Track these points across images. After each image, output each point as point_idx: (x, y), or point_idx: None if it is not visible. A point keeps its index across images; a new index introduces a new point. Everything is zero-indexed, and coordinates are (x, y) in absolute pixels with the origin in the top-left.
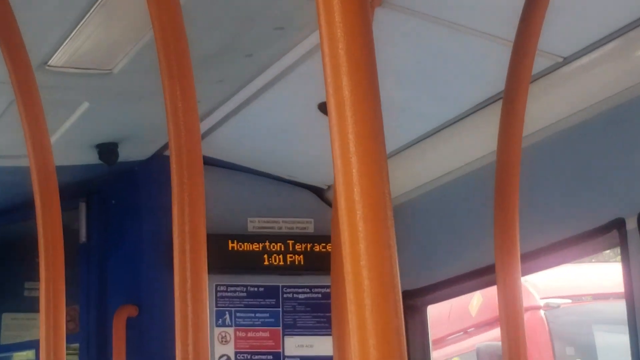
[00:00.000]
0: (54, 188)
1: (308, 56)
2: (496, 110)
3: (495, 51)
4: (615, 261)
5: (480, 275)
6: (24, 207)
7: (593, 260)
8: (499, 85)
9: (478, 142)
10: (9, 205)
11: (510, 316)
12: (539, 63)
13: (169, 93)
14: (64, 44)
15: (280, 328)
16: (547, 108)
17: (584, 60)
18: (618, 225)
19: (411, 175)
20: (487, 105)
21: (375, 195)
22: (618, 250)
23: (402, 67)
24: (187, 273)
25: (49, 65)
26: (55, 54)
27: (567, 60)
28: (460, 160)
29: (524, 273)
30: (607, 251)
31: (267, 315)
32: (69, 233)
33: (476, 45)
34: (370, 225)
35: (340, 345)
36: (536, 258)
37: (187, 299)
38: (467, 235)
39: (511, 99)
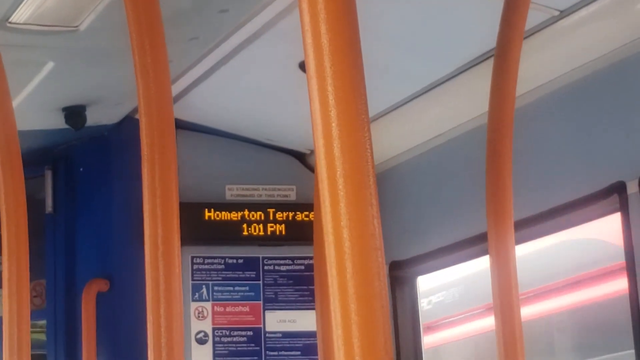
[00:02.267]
0: (16, 154)
1: (288, 12)
2: (487, 69)
3: (485, 5)
4: None
5: (473, 244)
6: None
7: None
8: (490, 42)
9: (468, 103)
10: None
11: (503, 286)
12: (533, 17)
13: (138, 51)
14: None
15: (261, 302)
16: (542, 65)
17: (582, 13)
18: (618, 189)
19: (398, 138)
20: (477, 64)
21: (357, 155)
22: None
23: (386, 24)
24: (159, 242)
25: (10, 22)
26: (17, 10)
27: (563, 14)
28: (450, 122)
29: (519, 242)
30: None
31: (247, 288)
32: (34, 203)
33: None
34: (351, 185)
35: (324, 320)
36: (531, 225)
37: (159, 270)
38: (458, 201)
39: (503, 56)
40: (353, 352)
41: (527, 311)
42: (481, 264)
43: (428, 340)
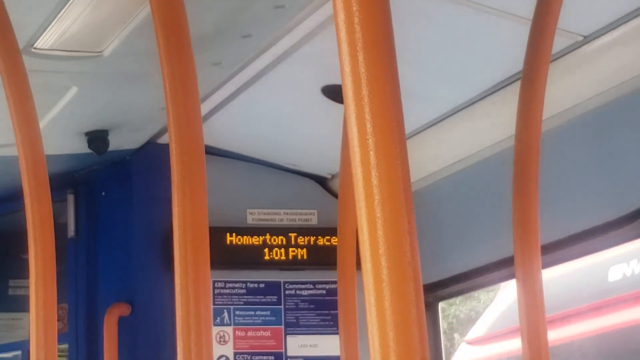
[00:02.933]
0: (43, 178)
1: (311, 37)
2: (513, 92)
3: (512, 30)
4: None
5: (498, 269)
6: (7, 200)
7: None
8: (516, 66)
9: (493, 127)
10: None
11: (530, 310)
12: (558, 42)
13: (169, 75)
14: (51, 24)
15: (282, 327)
16: (566, 90)
17: (606, 38)
18: None
19: (423, 162)
20: (503, 87)
21: (395, 179)
22: None
23: (413, 47)
24: (189, 269)
25: (35, 48)
26: (42, 36)
27: (587, 39)
28: (476, 145)
29: (544, 266)
30: None
31: (268, 313)
32: (57, 227)
33: (492, 24)
34: (389, 211)
35: (348, 344)
36: (557, 250)
37: (189, 297)
38: (482, 226)
39: (530, 79)
40: None
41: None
42: None
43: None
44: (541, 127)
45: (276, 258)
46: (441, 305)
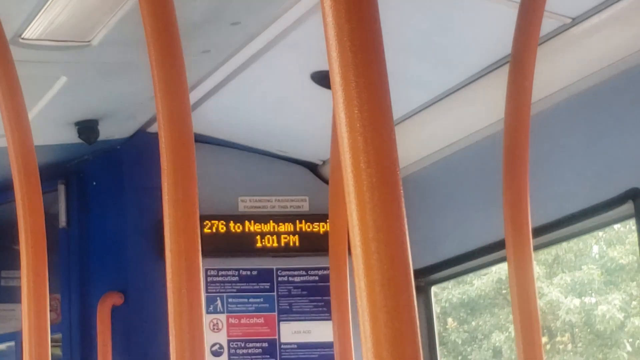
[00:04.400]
0: (33, 169)
1: (299, 23)
2: (502, 75)
3: (500, 13)
4: None
5: (489, 252)
6: None
7: None
8: (504, 49)
9: (482, 111)
10: None
11: (522, 293)
12: (546, 24)
13: (156, 63)
14: (39, 14)
15: (276, 313)
16: (555, 72)
17: (594, 20)
18: (633, 195)
19: (413, 146)
20: (492, 71)
21: (384, 163)
22: None
23: (402, 32)
24: (180, 258)
25: (23, 38)
26: (30, 26)
27: (575, 21)
28: (466, 129)
29: (535, 249)
30: None
31: (261, 300)
32: (48, 217)
33: (481, 8)
34: (377, 195)
35: (341, 330)
36: (548, 232)
37: (182, 283)
38: (474, 209)
39: (519, 62)
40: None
41: None
42: None
43: None
44: (530, 110)
45: (268, 245)
46: (434, 289)
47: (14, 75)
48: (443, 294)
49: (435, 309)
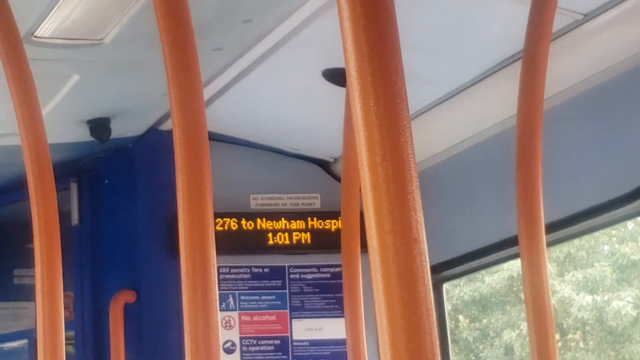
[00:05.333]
0: (47, 167)
1: (311, 20)
2: (514, 72)
3: (512, 10)
4: None
5: (502, 249)
6: (11, 190)
7: None
8: (516, 46)
9: (495, 107)
10: None
11: (535, 289)
12: (558, 21)
13: (170, 61)
14: (52, 12)
15: (288, 311)
16: (567, 68)
17: (606, 17)
18: None
19: (427, 143)
20: (503, 68)
21: (400, 156)
22: None
23: (414, 29)
24: (195, 256)
25: (35, 36)
26: (42, 24)
27: (587, 18)
28: (479, 125)
29: (548, 245)
30: None
31: (273, 297)
32: (60, 215)
33: (493, 5)
34: (394, 189)
35: (353, 327)
36: (560, 229)
37: (196, 281)
38: (486, 206)
39: (531, 58)
40: (400, 356)
41: None
42: None
43: None
44: (543, 106)
45: (280, 242)
46: (445, 286)
47: (28, 74)
48: (455, 291)
49: (447, 307)
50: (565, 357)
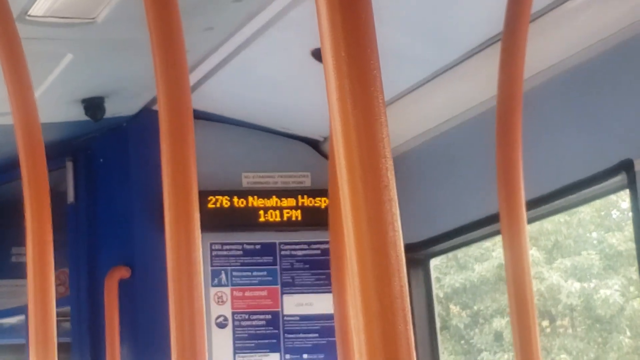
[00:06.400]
0: (39, 146)
1: (300, 1)
2: (497, 52)
3: None
4: None
5: (485, 225)
6: (8, 169)
7: None
8: (499, 25)
9: (478, 86)
10: None
11: (516, 265)
12: None
13: (157, 42)
14: None
15: (279, 286)
16: (549, 47)
17: None
18: (626, 166)
19: (410, 123)
20: (486, 47)
21: (374, 142)
22: None
23: (395, 9)
24: (181, 233)
25: (29, 15)
26: (35, 3)
27: None
28: (461, 106)
29: (530, 221)
30: None
31: (265, 273)
32: (57, 194)
33: None
34: (369, 169)
35: (341, 302)
36: (541, 204)
37: (181, 256)
38: (469, 184)
39: (510, 38)
40: (374, 335)
41: None
42: None
43: None
44: (522, 86)
45: (271, 220)
46: (436, 275)
47: (21, 53)
48: (445, 279)
49: (439, 294)
50: (554, 343)
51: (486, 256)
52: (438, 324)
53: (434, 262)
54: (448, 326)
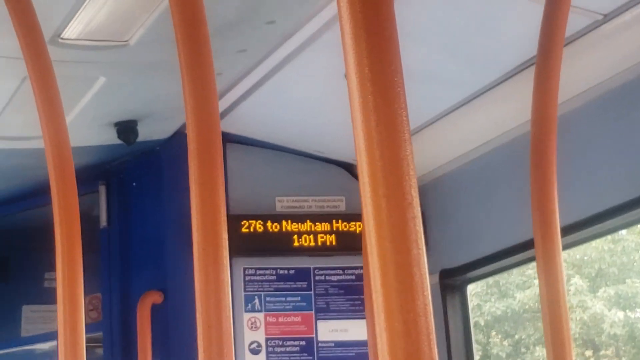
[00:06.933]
0: (70, 170)
1: (334, 22)
2: (532, 75)
3: (529, 11)
4: None
5: (521, 251)
6: (41, 193)
7: None
8: (535, 48)
9: (514, 110)
10: (26, 190)
11: (551, 292)
12: (578, 22)
13: (186, 66)
14: (77, 14)
15: (313, 312)
16: (587, 70)
17: (626, 17)
18: None
19: (446, 147)
20: (522, 70)
21: (398, 160)
22: None
23: (431, 31)
24: (209, 258)
25: (62, 38)
26: (68, 26)
27: (607, 18)
28: (497, 129)
29: (566, 247)
30: None
31: (299, 299)
32: (90, 219)
33: (510, 5)
34: (392, 192)
35: (374, 328)
36: (579, 230)
37: (209, 280)
38: (506, 209)
39: (545, 61)
40: (397, 354)
41: None
42: None
43: None
44: (557, 109)
45: (305, 244)
46: (477, 302)
47: (52, 76)
48: (486, 306)
49: (479, 322)
50: None
51: (528, 284)
52: (478, 352)
53: (474, 289)
54: (489, 355)
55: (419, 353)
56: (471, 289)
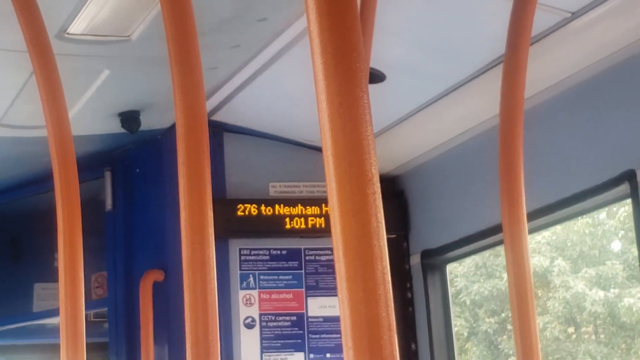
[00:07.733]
0: (71, 157)
1: None
2: None
3: (502, 9)
4: None
5: (495, 233)
6: (50, 178)
7: None
8: None
9: (489, 102)
10: (36, 175)
11: (517, 274)
12: (547, 19)
13: (175, 63)
14: (82, 10)
15: (304, 289)
16: (555, 65)
17: (593, 14)
18: (629, 176)
19: (426, 137)
20: (496, 65)
21: (359, 138)
22: None
23: (410, 27)
24: (195, 233)
25: (68, 33)
26: (74, 22)
27: (575, 15)
28: (473, 120)
29: (534, 230)
30: None
31: (290, 277)
32: (96, 203)
33: (484, 3)
34: (354, 168)
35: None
36: (544, 215)
37: (196, 259)
38: (481, 195)
39: (512, 56)
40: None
41: None
42: None
43: None
44: (524, 103)
45: (297, 227)
46: (464, 283)
47: (55, 69)
48: (474, 287)
49: (465, 301)
50: (579, 349)
51: None
52: (466, 329)
53: (462, 271)
54: (477, 332)
55: (378, 318)
56: (460, 270)
